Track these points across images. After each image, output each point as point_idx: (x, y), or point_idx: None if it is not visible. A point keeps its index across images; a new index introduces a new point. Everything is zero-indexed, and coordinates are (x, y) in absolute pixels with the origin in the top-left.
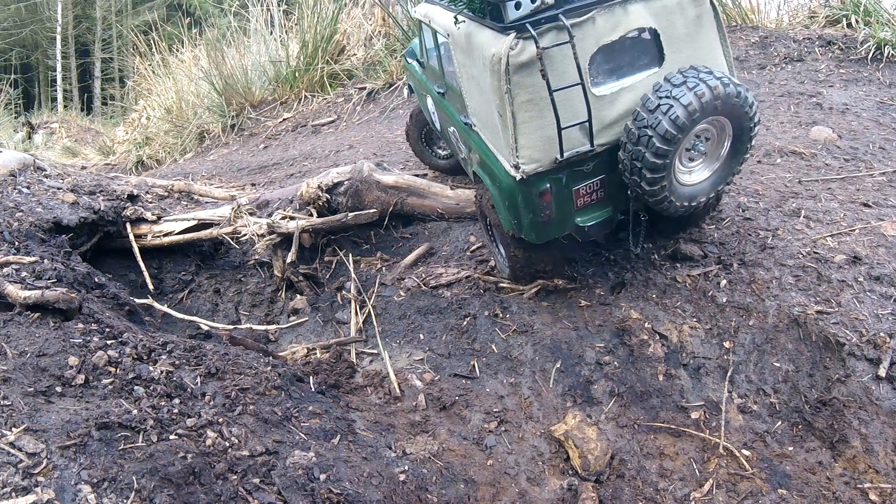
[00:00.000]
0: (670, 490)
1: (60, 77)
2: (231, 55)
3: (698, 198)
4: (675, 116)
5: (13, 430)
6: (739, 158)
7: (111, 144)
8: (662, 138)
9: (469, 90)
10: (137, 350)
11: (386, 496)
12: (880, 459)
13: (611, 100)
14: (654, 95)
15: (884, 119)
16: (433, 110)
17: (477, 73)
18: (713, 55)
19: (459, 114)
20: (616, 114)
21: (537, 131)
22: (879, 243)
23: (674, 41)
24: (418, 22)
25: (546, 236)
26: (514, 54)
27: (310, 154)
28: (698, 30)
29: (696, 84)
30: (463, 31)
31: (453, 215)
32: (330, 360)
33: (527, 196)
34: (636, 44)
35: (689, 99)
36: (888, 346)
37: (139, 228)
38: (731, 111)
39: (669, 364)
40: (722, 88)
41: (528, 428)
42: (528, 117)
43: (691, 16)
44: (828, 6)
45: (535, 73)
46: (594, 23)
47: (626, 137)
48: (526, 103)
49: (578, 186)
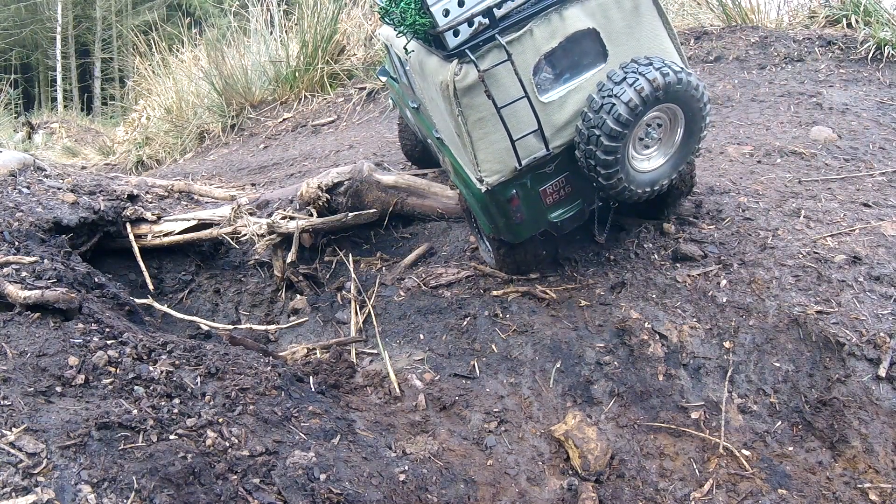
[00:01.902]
0: (670, 490)
1: (60, 77)
2: (231, 55)
3: (660, 181)
4: (617, 115)
5: (13, 430)
6: (695, 139)
7: (111, 144)
8: (609, 136)
9: (432, 110)
10: (137, 350)
11: (386, 496)
12: (880, 459)
13: (560, 104)
14: (597, 95)
15: (884, 119)
16: (413, 122)
17: (433, 95)
18: (658, 43)
19: (432, 128)
20: (567, 115)
21: (493, 145)
22: (879, 243)
23: (614, 36)
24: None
25: (523, 235)
26: (458, 80)
27: (310, 154)
28: (638, 20)
29: (636, 79)
30: (414, 58)
31: (453, 215)
32: (330, 360)
33: (497, 204)
34: (578, 45)
35: (630, 95)
36: (888, 346)
37: (139, 228)
38: (678, 98)
39: (669, 364)
40: (661, 79)
41: (528, 428)
42: (482, 134)
43: (628, 8)
44: (828, 6)
45: (480, 94)
46: (532, 35)
47: (578, 138)
48: (478, 122)
49: (544, 186)
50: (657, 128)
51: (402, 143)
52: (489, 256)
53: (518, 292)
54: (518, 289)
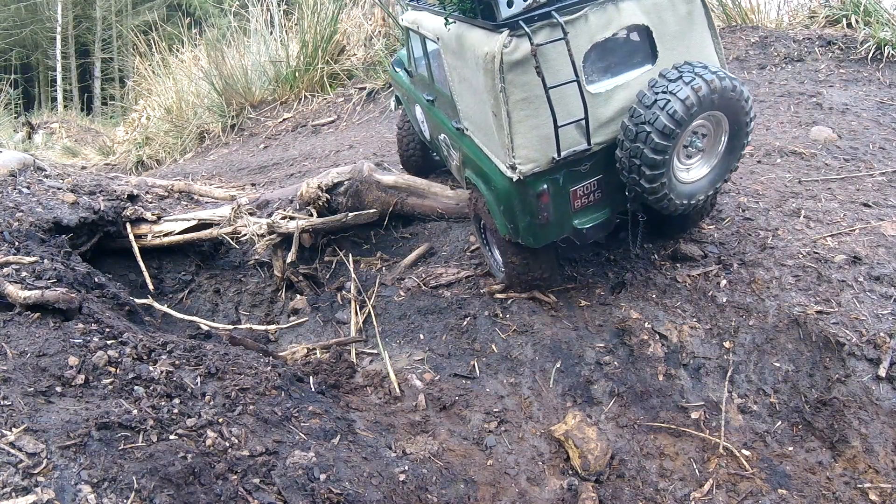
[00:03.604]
0: (670, 490)
1: (60, 77)
2: (231, 55)
3: (697, 195)
4: (672, 111)
5: (13, 430)
6: (736, 154)
7: (111, 144)
8: (661, 133)
9: (461, 93)
10: (137, 350)
11: (386, 496)
12: (880, 459)
13: (605, 98)
14: (650, 91)
15: (884, 119)
16: (422, 119)
17: (469, 74)
18: (705, 52)
19: (450, 119)
20: (611, 112)
21: (533, 130)
22: (879, 243)
23: (665, 38)
24: (406, 30)
25: (544, 240)
26: (507, 52)
27: (310, 154)
28: (690, 26)
29: (693, 78)
30: (454, 32)
31: (453, 215)
32: (330, 360)
33: (524, 198)
34: (628, 41)
35: (687, 93)
36: (888, 346)
37: (139, 228)
38: (728, 106)
39: (669, 364)
40: (718, 82)
41: (528, 428)
42: (523, 116)
43: (682, 12)
44: (828, 6)
45: (529, 71)
46: (587, 20)
47: (623, 135)
48: (521, 102)
49: (576, 187)
50: (701, 137)
51: (400, 150)
52: (498, 269)
53: (519, 296)
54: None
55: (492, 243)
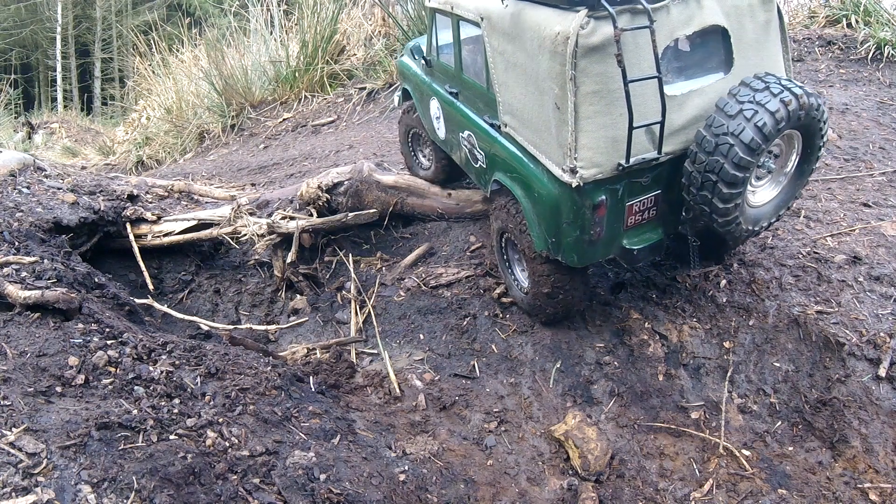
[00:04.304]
0: (670, 490)
1: (60, 77)
2: (231, 55)
3: (761, 222)
4: (762, 123)
5: (13, 430)
6: (805, 179)
7: (111, 144)
8: (746, 147)
9: (506, 82)
10: (137, 350)
11: (386, 496)
12: (880, 459)
13: (680, 102)
14: (732, 100)
15: (884, 119)
16: (438, 115)
17: (525, 59)
18: (778, 65)
19: (481, 115)
20: (684, 119)
21: (600, 130)
22: (879, 243)
23: (743, 46)
24: (432, 12)
25: (589, 259)
26: (584, 34)
27: (310, 154)
28: (766, 36)
29: (782, 90)
30: (510, 11)
31: (453, 215)
32: (330, 360)
33: (576, 208)
34: (707, 42)
35: (777, 105)
36: (888, 346)
37: (139, 228)
38: (807, 124)
39: (669, 364)
40: (807, 98)
41: (528, 428)
42: (592, 112)
43: (761, 21)
44: (828, 6)
45: (605, 60)
46: (669, 12)
47: (697, 147)
48: (591, 95)
49: (633, 202)
50: (773, 158)
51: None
52: (520, 291)
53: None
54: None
55: (514, 261)
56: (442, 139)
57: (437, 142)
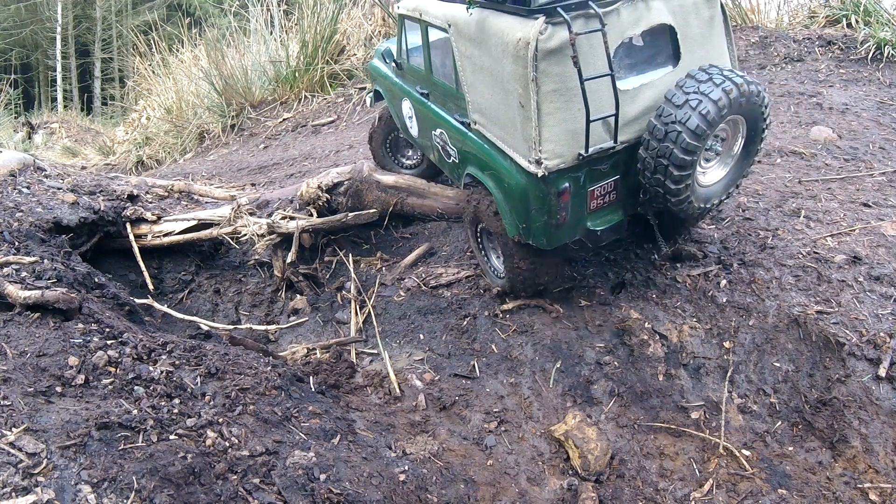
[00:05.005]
0: (670, 490)
1: (60, 77)
2: (231, 55)
3: (712, 199)
4: (705, 111)
5: (13, 430)
6: (750, 159)
7: (111, 144)
8: (692, 133)
9: (473, 84)
10: (137, 350)
11: (386, 496)
12: (880, 459)
13: (633, 95)
14: (679, 91)
15: (884, 119)
16: (410, 115)
17: (491, 62)
18: (723, 57)
19: (452, 114)
20: (637, 110)
21: (561, 124)
22: (879, 243)
23: (688, 41)
24: (401, 18)
25: (557, 241)
26: (543, 39)
27: (310, 154)
28: (710, 31)
29: (723, 80)
30: (475, 18)
31: (453, 215)
32: (330, 360)
33: (543, 196)
34: (654, 39)
35: (719, 94)
36: (888, 346)
37: (139, 228)
38: (750, 110)
39: (669, 364)
40: (747, 86)
41: (528, 428)
42: (553, 108)
43: (705, 17)
44: (828, 6)
45: (563, 61)
46: (619, 15)
47: (650, 134)
48: (552, 93)
49: (594, 187)
50: (720, 141)
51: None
52: (495, 275)
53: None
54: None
55: (489, 248)
56: (415, 137)
57: (410, 140)
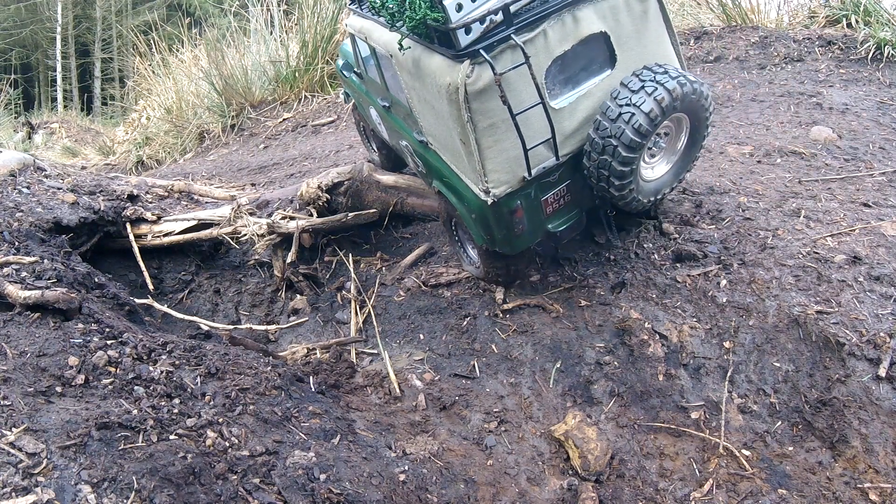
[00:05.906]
0: (670, 490)
1: (60, 77)
2: (231, 55)
3: (662, 190)
4: (637, 125)
5: (13, 430)
6: (697, 147)
7: (111, 144)
8: (627, 147)
9: (422, 112)
10: (137, 350)
11: (386, 496)
12: (880, 459)
13: (570, 110)
14: (613, 104)
15: (884, 119)
16: (379, 122)
17: (430, 97)
18: (662, 50)
19: (412, 130)
20: (576, 122)
21: (502, 154)
22: (879, 243)
23: (623, 40)
24: (351, 35)
25: (521, 247)
26: (470, 82)
27: (310, 154)
28: (645, 25)
29: (655, 88)
30: (409, 55)
31: None
32: (330, 360)
33: (498, 215)
34: (587, 49)
35: (650, 105)
36: (888, 346)
37: (139, 228)
38: (689, 107)
39: (669, 364)
40: (680, 89)
41: (528, 428)
42: (492, 142)
43: (637, 12)
44: (828, 6)
45: (494, 98)
46: (545, 36)
47: (589, 147)
48: (488, 128)
49: (546, 196)
50: (664, 137)
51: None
52: (473, 267)
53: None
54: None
55: (465, 240)
56: (387, 140)
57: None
